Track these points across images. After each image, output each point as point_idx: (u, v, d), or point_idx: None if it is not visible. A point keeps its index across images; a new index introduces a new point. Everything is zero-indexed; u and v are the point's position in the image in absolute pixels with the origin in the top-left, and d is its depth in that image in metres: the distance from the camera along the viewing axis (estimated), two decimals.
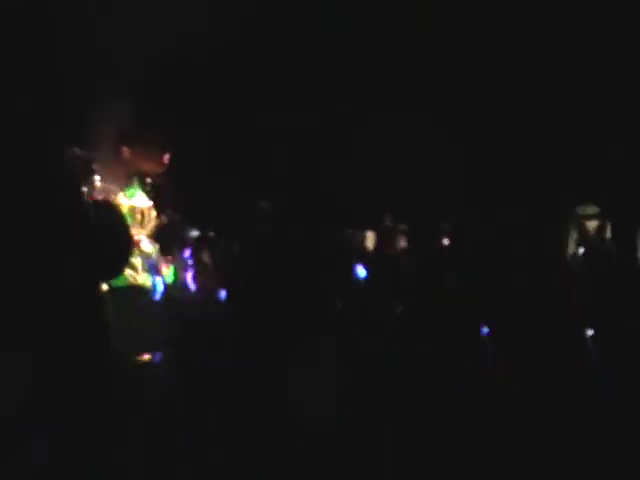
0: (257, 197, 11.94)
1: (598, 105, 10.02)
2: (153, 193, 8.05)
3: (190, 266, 8.36)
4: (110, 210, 3.37)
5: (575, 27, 9.84)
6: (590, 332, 7.38)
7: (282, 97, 10.18)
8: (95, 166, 8.75)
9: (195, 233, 10.03)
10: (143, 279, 7.29)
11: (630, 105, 9.95)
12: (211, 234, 10.13)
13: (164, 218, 8.28)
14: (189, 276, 8.20)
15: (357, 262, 6.89)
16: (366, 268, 7.01)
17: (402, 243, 9.75)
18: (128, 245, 3.33)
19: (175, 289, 7.93)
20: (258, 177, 10.88)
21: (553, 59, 10.25)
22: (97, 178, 8.64)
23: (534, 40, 10.17)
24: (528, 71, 10.21)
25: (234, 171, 10.59)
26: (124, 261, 3.20)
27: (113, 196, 7.93)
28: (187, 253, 8.91)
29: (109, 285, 5.25)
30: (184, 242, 8.89)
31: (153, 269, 7.58)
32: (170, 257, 8.17)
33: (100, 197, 7.31)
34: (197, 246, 9.30)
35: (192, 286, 8.37)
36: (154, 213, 8.07)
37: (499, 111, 10.39)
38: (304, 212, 11.20)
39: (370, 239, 10.92)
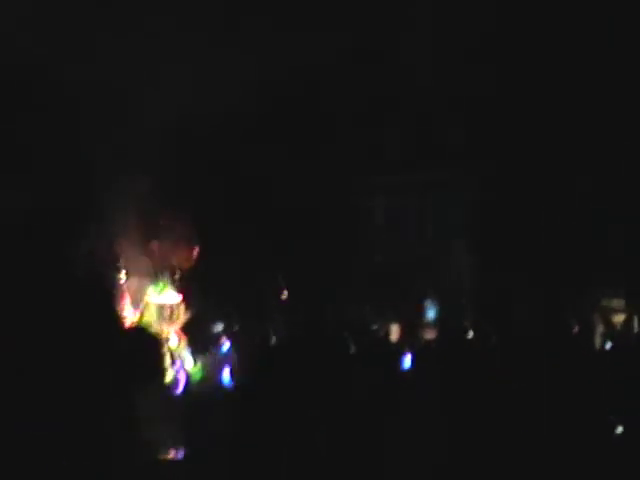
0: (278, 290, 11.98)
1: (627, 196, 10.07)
2: (181, 288, 8.07)
3: (225, 362, 8.23)
4: (144, 336, 3.34)
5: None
6: (620, 429, 7.26)
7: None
8: (121, 262, 8.80)
9: (220, 327, 9.98)
10: (170, 376, 7.22)
11: None
12: (236, 328, 10.08)
13: (192, 312, 8.26)
14: (226, 372, 8.05)
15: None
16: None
17: (429, 334, 9.72)
18: (158, 371, 3.29)
19: (201, 385, 7.83)
20: (280, 269, 10.93)
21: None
22: (121, 275, 8.69)
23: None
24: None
25: (257, 263, 10.64)
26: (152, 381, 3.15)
27: (141, 292, 7.96)
28: (224, 348, 8.73)
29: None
30: (211, 336, 8.82)
31: (179, 365, 7.53)
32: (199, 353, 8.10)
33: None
34: (222, 340, 9.23)
35: (228, 382, 8.20)
36: (183, 308, 8.06)
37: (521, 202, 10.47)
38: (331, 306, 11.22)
39: (395, 331, 10.89)
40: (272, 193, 10.34)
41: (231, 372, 8.26)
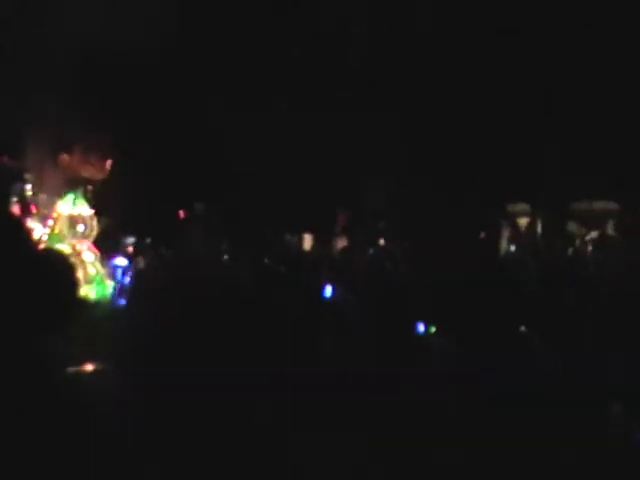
0: (190, 202, 11.89)
1: (528, 107, 10.28)
2: (94, 201, 7.90)
3: (127, 274, 8.17)
4: (57, 259, 3.24)
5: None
6: (523, 328, 7.58)
7: (217, 98, 10.16)
8: (28, 175, 8.54)
9: (131, 240, 9.89)
10: (85, 291, 7.14)
11: (560, 110, 10.23)
12: (147, 241, 10.01)
13: (101, 225, 8.12)
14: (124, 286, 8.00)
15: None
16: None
17: (341, 243, 9.89)
18: (73, 300, 3.21)
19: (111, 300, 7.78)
20: (191, 182, 10.85)
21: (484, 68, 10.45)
22: (28, 188, 8.44)
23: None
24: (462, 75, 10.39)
25: (170, 176, 10.50)
26: (66, 317, 3.09)
27: (52, 205, 7.77)
28: (124, 261, 8.67)
29: None
30: (121, 249, 8.74)
31: (102, 278, 7.48)
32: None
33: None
34: (133, 253, 9.17)
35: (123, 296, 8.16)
36: (95, 222, 7.91)
37: (436, 112, 10.57)
38: (241, 216, 11.22)
39: (307, 241, 11.02)
40: (188, 111, 10.18)
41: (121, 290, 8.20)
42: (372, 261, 8.60)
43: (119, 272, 8.26)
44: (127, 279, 8.44)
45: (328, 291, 5.36)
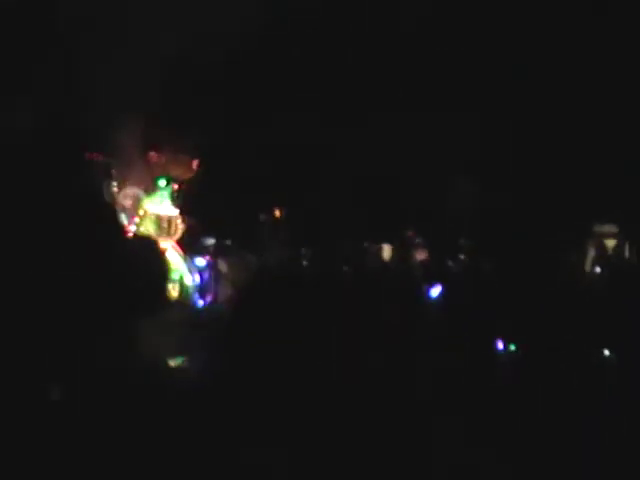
0: (271, 206, 11.92)
1: (618, 126, 10.02)
2: (180, 200, 7.96)
3: (208, 275, 8.24)
4: (148, 245, 3.26)
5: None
6: (607, 352, 7.36)
7: (295, 102, 10.16)
8: (114, 171, 8.66)
9: (211, 241, 9.95)
10: (169, 289, 7.19)
11: None
12: (228, 242, 10.07)
13: (185, 224, 8.19)
14: (206, 285, 8.07)
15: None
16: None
17: (420, 255, 9.77)
18: (161, 283, 3.23)
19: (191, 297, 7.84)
20: (273, 185, 10.86)
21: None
22: (114, 184, 8.56)
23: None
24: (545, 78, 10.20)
25: (252, 179, 10.54)
26: (155, 300, 3.09)
27: (138, 202, 7.85)
28: (202, 262, 8.74)
29: None
30: (203, 250, 8.80)
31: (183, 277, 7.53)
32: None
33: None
34: (214, 254, 9.22)
35: (208, 295, 8.24)
36: (180, 221, 7.97)
37: (520, 128, 10.38)
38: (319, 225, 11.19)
39: (387, 251, 10.92)
40: (271, 117, 10.21)
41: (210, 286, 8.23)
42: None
43: (197, 273, 8.32)
44: (205, 279, 8.50)
45: (435, 292, 5.28)
